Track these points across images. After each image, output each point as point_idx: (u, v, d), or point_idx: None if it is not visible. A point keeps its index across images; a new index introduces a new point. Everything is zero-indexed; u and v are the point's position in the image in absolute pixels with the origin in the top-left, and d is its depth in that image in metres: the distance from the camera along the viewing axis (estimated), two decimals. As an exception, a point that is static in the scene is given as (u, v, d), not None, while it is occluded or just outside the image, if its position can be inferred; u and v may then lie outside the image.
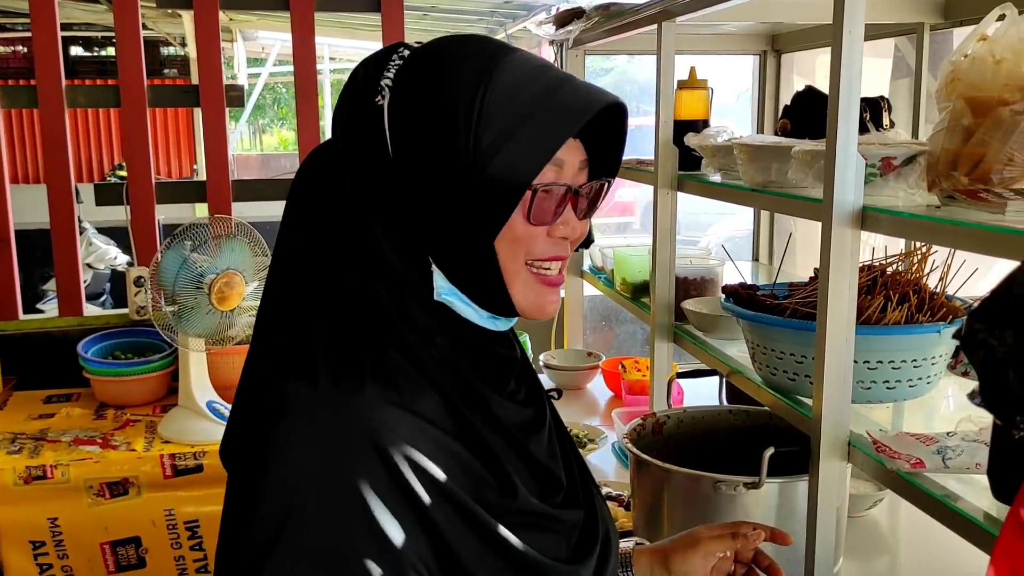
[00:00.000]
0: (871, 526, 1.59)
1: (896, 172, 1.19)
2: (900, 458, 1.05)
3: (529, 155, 0.77)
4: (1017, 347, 0.53)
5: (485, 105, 0.77)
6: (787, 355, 1.27)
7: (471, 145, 0.76)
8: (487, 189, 0.77)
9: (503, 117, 0.77)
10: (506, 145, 0.76)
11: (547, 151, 0.79)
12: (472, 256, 0.79)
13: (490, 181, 0.77)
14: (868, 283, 1.28)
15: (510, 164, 0.77)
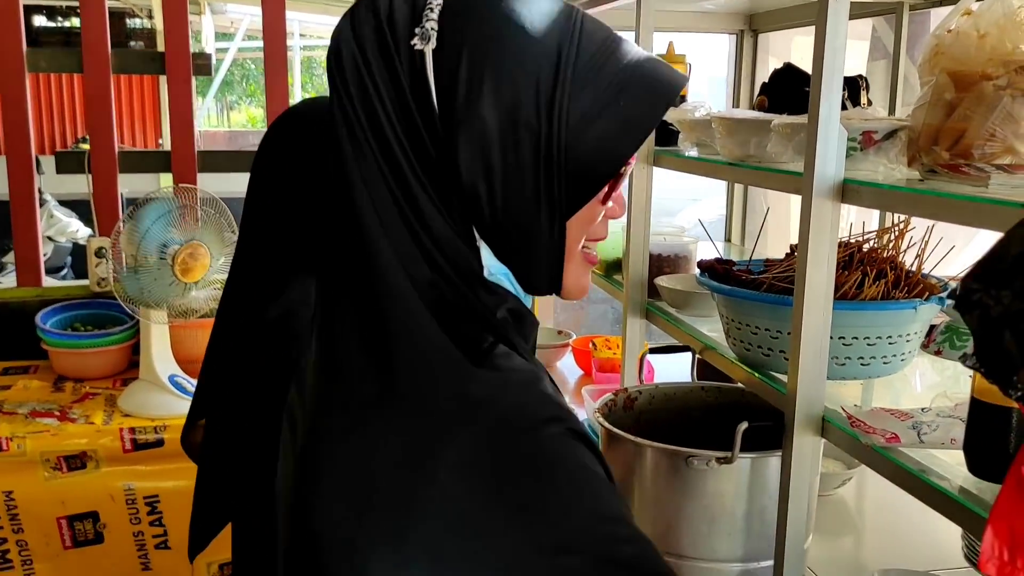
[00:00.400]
0: (839, 505, 1.60)
1: (877, 146, 1.18)
2: (875, 433, 1.04)
3: (622, 135, 0.70)
4: (1013, 307, 0.52)
5: (570, 70, 0.68)
6: (762, 330, 1.25)
7: (556, 116, 0.68)
8: (571, 170, 0.69)
9: (592, 89, 0.68)
10: (596, 122, 0.68)
11: (641, 133, 0.71)
12: (541, 236, 0.71)
13: (576, 162, 0.69)
14: (845, 259, 1.27)
15: (602, 144, 0.69)
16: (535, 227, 0.70)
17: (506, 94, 0.67)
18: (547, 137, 0.68)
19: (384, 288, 0.67)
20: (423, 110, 0.68)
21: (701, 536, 1.23)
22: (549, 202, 0.69)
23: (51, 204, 4.66)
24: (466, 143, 0.67)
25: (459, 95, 0.67)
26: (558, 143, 0.68)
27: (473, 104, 0.67)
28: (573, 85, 0.68)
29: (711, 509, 1.22)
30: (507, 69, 0.68)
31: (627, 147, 0.71)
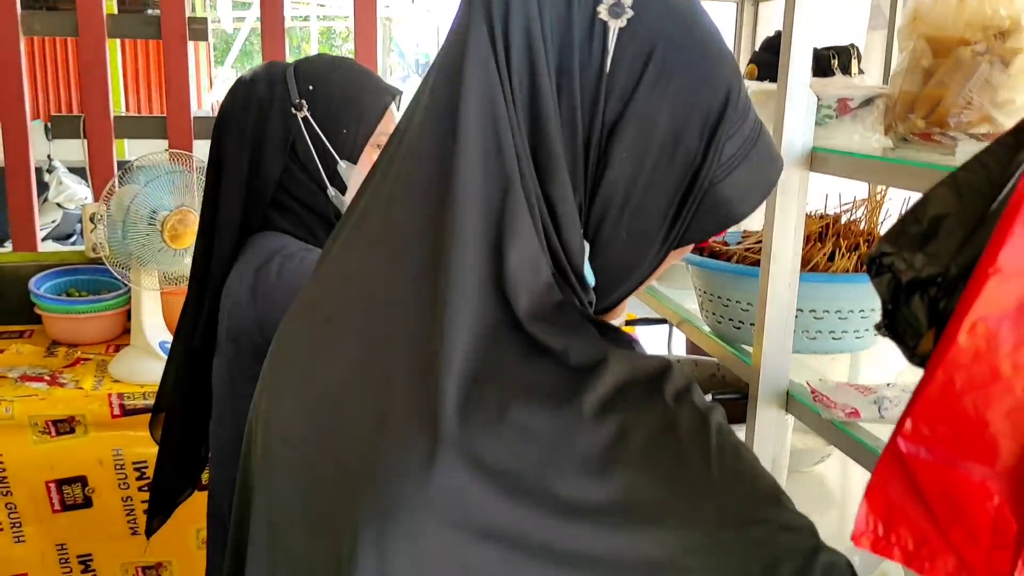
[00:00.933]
0: (817, 482, 1.57)
1: (852, 114, 1.14)
2: (836, 407, 1.02)
3: (754, 188, 0.68)
4: (925, 272, 0.49)
5: (732, 108, 0.65)
6: (733, 302, 1.23)
7: (714, 147, 0.65)
8: (706, 204, 0.66)
9: (744, 133, 0.67)
10: (738, 168, 0.66)
11: (766, 191, 0.70)
12: (645, 257, 0.67)
13: (713, 198, 0.66)
14: (820, 232, 1.24)
15: (737, 192, 0.67)
16: (647, 247, 0.67)
17: (683, 107, 0.64)
18: (698, 167, 0.65)
19: None
20: (587, 82, 0.62)
21: (665, 510, 1.21)
22: (670, 229, 0.66)
23: (60, 171, 4.68)
24: (629, 138, 0.63)
25: (642, 86, 0.63)
26: (704, 177, 0.65)
27: (654, 103, 0.63)
28: (732, 126, 0.66)
29: (675, 483, 1.20)
30: (692, 84, 0.64)
31: (754, 201, 0.69)
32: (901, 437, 0.39)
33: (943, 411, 0.38)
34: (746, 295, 1.20)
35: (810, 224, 1.24)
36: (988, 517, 0.38)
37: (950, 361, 0.38)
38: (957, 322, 0.37)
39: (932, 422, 0.39)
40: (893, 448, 0.40)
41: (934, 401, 0.39)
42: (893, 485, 0.40)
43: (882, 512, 0.41)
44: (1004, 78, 1.01)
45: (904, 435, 0.39)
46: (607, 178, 0.63)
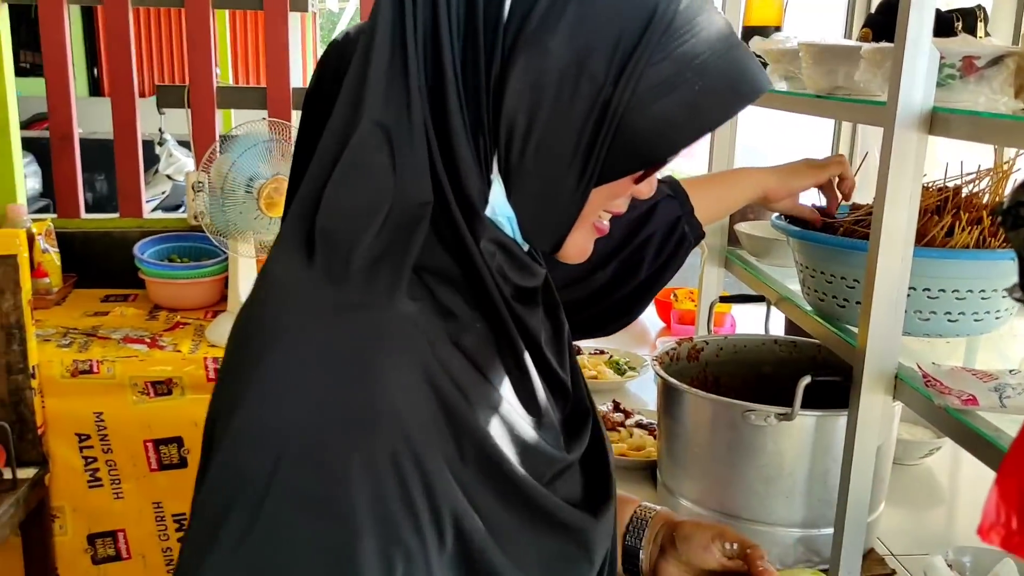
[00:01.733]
0: (926, 475, 1.47)
1: (979, 75, 1.04)
2: (950, 393, 0.93)
3: (687, 122, 0.62)
4: (1068, 226, 0.42)
5: (658, 34, 0.60)
6: (837, 278, 1.14)
7: (626, 77, 0.60)
8: (622, 138, 0.62)
9: (673, 60, 0.61)
10: (666, 98, 0.61)
11: (706, 126, 0.63)
12: (562, 194, 0.64)
13: (630, 131, 0.61)
14: (938, 204, 1.14)
15: (663, 124, 0.61)
16: (560, 183, 0.64)
17: (585, 35, 0.60)
18: (607, 97, 0.60)
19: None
20: (489, 17, 0.61)
21: (757, 497, 1.15)
22: (584, 164, 0.62)
23: (170, 143, 4.83)
24: (523, 70, 0.60)
25: (534, 16, 0.60)
26: (616, 108, 0.60)
27: (547, 32, 0.60)
28: (655, 52, 0.60)
29: (768, 469, 1.13)
30: (596, 8, 0.60)
31: (686, 137, 0.63)
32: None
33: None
34: (853, 271, 1.12)
35: (927, 196, 1.14)
36: None
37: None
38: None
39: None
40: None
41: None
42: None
43: (1016, 503, 0.34)
44: None
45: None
46: (504, 110, 0.61)
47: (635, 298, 1.10)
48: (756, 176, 1.21)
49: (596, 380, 1.78)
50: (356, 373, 0.58)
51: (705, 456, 1.18)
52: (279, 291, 0.61)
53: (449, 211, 0.62)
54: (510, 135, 0.62)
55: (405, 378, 0.59)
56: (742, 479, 1.14)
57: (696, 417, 1.18)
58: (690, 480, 1.20)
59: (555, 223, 0.67)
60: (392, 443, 0.57)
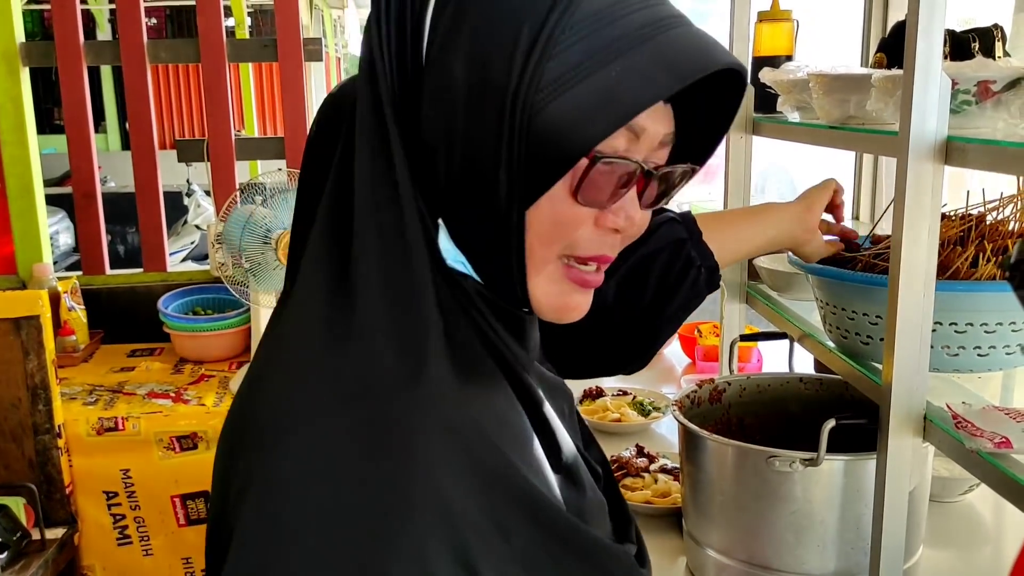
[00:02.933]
0: (968, 513, 1.41)
1: (996, 99, 1.00)
2: (983, 435, 0.88)
3: (601, 108, 0.56)
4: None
5: (560, 25, 0.56)
6: (859, 315, 1.10)
7: (528, 74, 0.56)
8: (534, 140, 0.56)
9: (580, 48, 0.56)
10: (575, 87, 0.55)
11: (626, 109, 0.57)
12: (497, 220, 0.59)
13: (540, 130, 0.56)
14: (961, 234, 1.09)
15: (573, 114, 0.56)
16: (490, 207, 0.58)
17: (482, 46, 0.57)
18: (513, 96, 0.56)
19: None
20: (414, 55, 0.59)
21: (787, 546, 1.10)
22: (508, 178, 0.57)
23: (198, 194, 4.89)
24: (431, 97, 0.58)
25: (435, 43, 0.59)
26: (523, 107, 0.56)
27: (446, 54, 0.58)
28: (560, 40, 0.56)
29: (798, 516, 1.08)
30: (489, 18, 0.57)
31: (599, 124, 0.56)
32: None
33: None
34: (874, 307, 1.08)
35: (949, 226, 1.10)
36: None
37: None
38: None
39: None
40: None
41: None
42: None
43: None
44: None
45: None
46: (424, 140, 0.59)
47: (647, 327, 1.03)
48: (779, 215, 1.15)
49: (620, 423, 1.74)
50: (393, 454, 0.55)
51: (730, 504, 1.13)
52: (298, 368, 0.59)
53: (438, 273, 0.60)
54: (433, 167, 0.59)
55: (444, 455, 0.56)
56: (771, 528, 1.10)
57: (719, 464, 1.14)
58: (716, 529, 1.15)
59: (503, 263, 0.61)
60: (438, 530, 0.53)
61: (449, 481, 0.54)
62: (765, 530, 1.10)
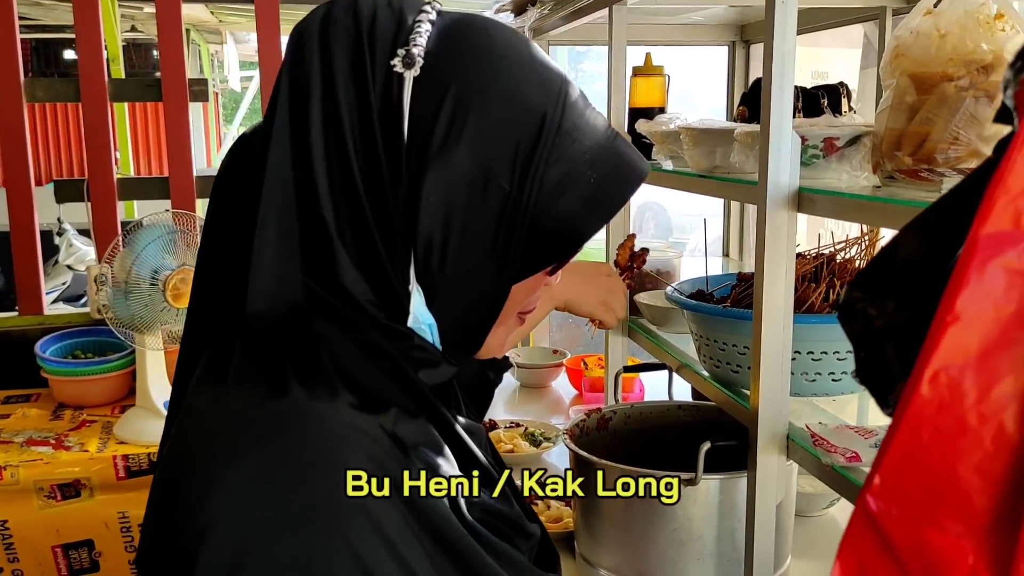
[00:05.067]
0: (830, 526, 1.54)
1: (839, 153, 1.14)
2: (836, 451, 1.00)
3: (592, 210, 0.68)
4: (897, 318, 0.48)
5: (559, 134, 0.66)
6: (729, 346, 1.21)
7: (536, 180, 0.65)
8: (537, 235, 0.66)
9: (571, 156, 0.67)
10: (570, 191, 0.66)
11: (609, 210, 0.69)
12: (484, 296, 0.68)
13: (542, 227, 0.66)
14: (814, 271, 1.22)
15: (570, 216, 0.67)
16: (480, 286, 0.68)
17: (485, 145, 0.65)
18: (515, 200, 0.65)
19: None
20: (388, 138, 0.64)
21: (670, 561, 1.19)
22: (501, 265, 0.67)
23: (70, 233, 4.72)
24: (433, 185, 0.64)
25: (436, 134, 0.64)
26: (525, 208, 0.66)
27: (451, 147, 0.64)
28: (551, 154, 0.66)
29: (679, 533, 1.18)
30: (492, 120, 0.65)
31: (590, 227, 0.69)
32: (870, 495, 0.38)
33: (911, 467, 0.37)
34: (742, 338, 1.19)
35: (803, 264, 1.23)
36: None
37: (914, 414, 0.36)
38: (919, 373, 0.36)
39: (901, 479, 0.37)
40: (863, 506, 0.38)
41: (901, 456, 0.37)
42: (865, 544, 0.39)
43: (854, 573, 0.39)
44: (989, 112, 1.00)
45: (873, 492, 0.38)
46: (420, 225, 0.64)
47: None
48: (557, 289, 1.26)
49: (513, 453, 1.81)
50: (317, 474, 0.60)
51: (618, 525, 1.22)
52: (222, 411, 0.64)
53: (367, 317, 0.65)
54: (428, 247, 0.65)
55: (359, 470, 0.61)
56: (655, 545, 1.19)
57: (606, 486, 1.22)
58: (607, 550, 1.23)
59: (477, 324, 0.70)
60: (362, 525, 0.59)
61: (370, 500, 0.60)
62: (650, 547, 1.19)
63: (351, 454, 0.61)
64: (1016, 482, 0.36)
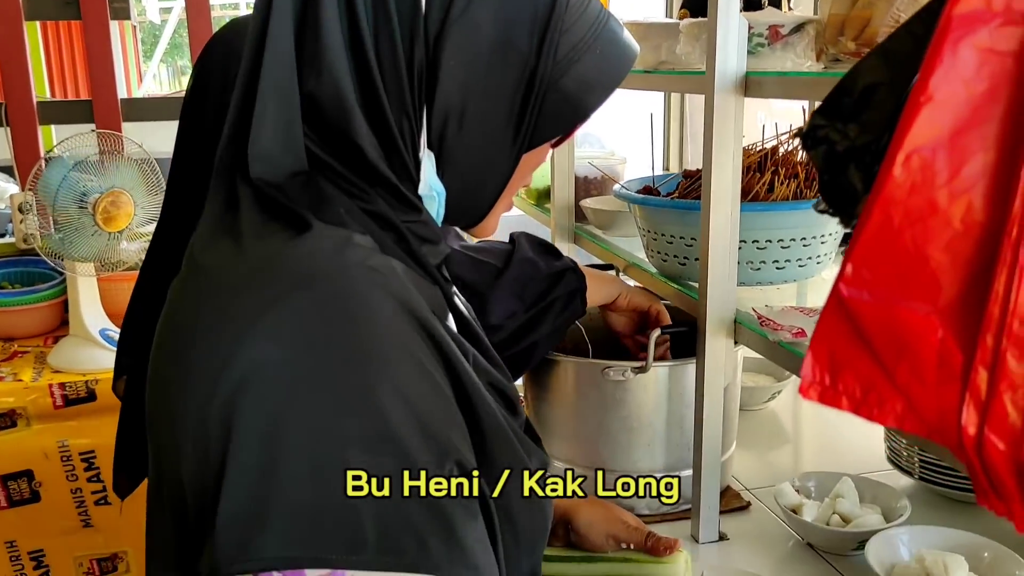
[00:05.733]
0: (771, 418, 1.59)
1: (784, 41, 1.15)
2: (782, 329, 1.03)
3: (602, 78, 0.70)
4: (859, 140, 0.49)
5: (570, 3, 0.68)
6: (677, 239, 1.23)
7: (553, 45, 0.67)
8: (552, 101, 0.68)
9: (581, 26, 0.68)
10: (581, 60, 0.68)
11: (614, 82, 0.71)
12: (495, 163, 0.69)
13: (558, 94, 0.68)
14: (758, 162, 1.24)
15: (586, 81, 0.69)
16: (495, 152, 0.69)
17: (507, 11, 0.65)
18: (534, 66, 0.66)
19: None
20: (403, 10, 0.63)
21: (621, 448, 1.22)
22: (516, 131, 0.68)
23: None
24: (457, 48, 0.64)
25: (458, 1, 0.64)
26: (542, 75, 0.67)
27: (475, 9, 0.64)
28: (564, 22, 0.67)
29: (630, 420, 1.20)
30: None
31: (600, 95, 0.71)
32: (843, 283, 0.39)
33: (883, 251, 0.38)
34: (689, 230, 1.21)
35: (748, 157, 1.25)
36: (933, 352, 0.38)
37: (887, 198, 0.37)
38: (892, 156, 0.37)
39: (872, 263, 0.38)
40: (835, 295, 0.40)
41: (873, 241, 0.38)
42: (837, 333, 0.40)
43: (827, 362, 0.40)
44: (929, -6, 1.02)
45: (845, 280, 0.39)
46: (440, 89, 0.65)
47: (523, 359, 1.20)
48: (619, 285, 1.30)
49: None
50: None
51: (571, 416, 1.24)
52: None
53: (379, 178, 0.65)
54: (447, 112, 0.65)
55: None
56: (607, 433, 1.21)
57: (561, 380, 1.24)
58: (560, 440, 1.25)
59: (485, 193, 0.71)
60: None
61: (409, 337, 0.59)
62: (603, 436, 1.22)
63: (386, 297, 0.58)
64: (983, 260, 0.37)
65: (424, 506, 0.55)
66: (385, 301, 0.58)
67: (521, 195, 1.99)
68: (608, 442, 1.21)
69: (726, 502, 1.24)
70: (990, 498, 0.38)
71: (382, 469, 0.54)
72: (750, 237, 1.17)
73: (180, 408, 0.57)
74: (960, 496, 1.24)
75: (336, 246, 0.59)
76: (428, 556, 0.54)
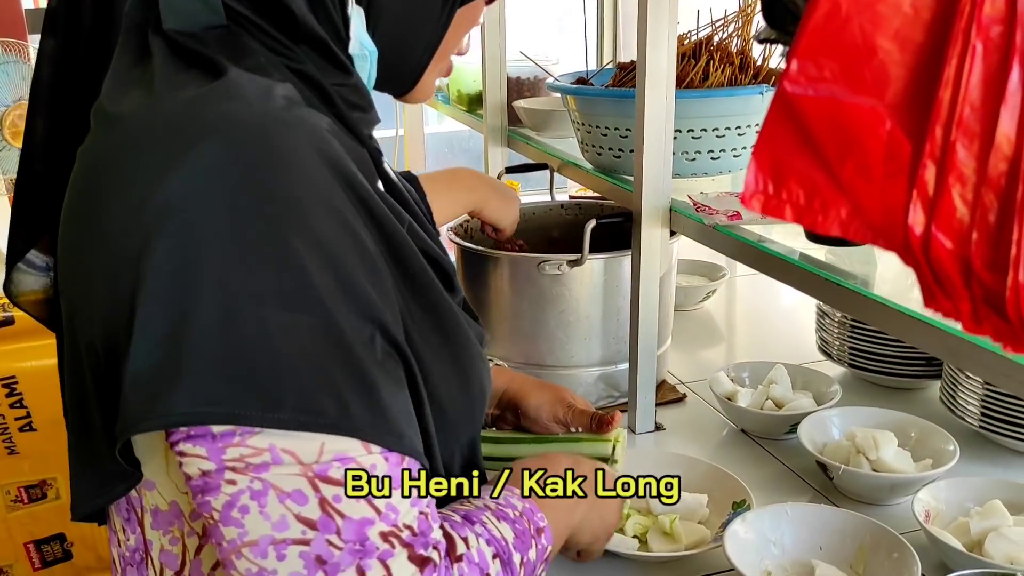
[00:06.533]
0: (705, 317, 1.61)
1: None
2: (718, 213, 1.02)
3: None
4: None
5: None
6: (611, 130, 1.21)
7: None
8: None
9: None
10: None
11: None
12: (429, 18, 0.66)
13: None
14: (692, 50, 1.22)
15: None
16: (430, 7, 0.65)
17: None
18: None
19: None
20: None
21: (559, 343, 1.21)
22: None
23: None
24: None
25: None
26: None
27: None
28: None
29: (567, 315, 1.19)
30: None
31: None
32: (787, 81, 0.37)
33: (829, 43, 0.36)
34: (624, 121, 1.19)
35: (682, 44, 1.23)
36: (880, 146, 0.36)
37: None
38: (839, -61, 0.35)
39: (818, 57, 0.37)
40: (780, 96, 0.38)
41: (819, 33, 0.36)
42: (781, 137, 0.38)
43: (770, 168, 0.39)
44: None
45: (790, 78, 0.37)
46: None
47: None
48: (473, 182, 1.22)
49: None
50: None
51: (509, 314, 1.22)
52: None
53: (309, 37, 0.60)
54: None
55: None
56: (544, 329, 1.20)
57: (496, 278, 1.22)
58: (497, 339, 1.24)
59: (418, 51, 0.67)
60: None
61: (331, 190, 0.55)
62: (539, 332, 1.21)
63: (308, 148, 0.54)
64: (933, 46, 0.36)
65: (346, 367, 0.52)
66: (306, 151, 0.54)
67: (453, 101, 1.94)
68: (546, 338, 1.21)
69: (662, 395, 1.25)
70: (937, 299, 0.37)
71: (299, 326, 0.51)
72: (685, 127, 1.16)
73: (93, 261, 0.54)
74: (888, 381, 1.27)
75: (256, 93, 0.55)
76: (349, 418, 0.52)
